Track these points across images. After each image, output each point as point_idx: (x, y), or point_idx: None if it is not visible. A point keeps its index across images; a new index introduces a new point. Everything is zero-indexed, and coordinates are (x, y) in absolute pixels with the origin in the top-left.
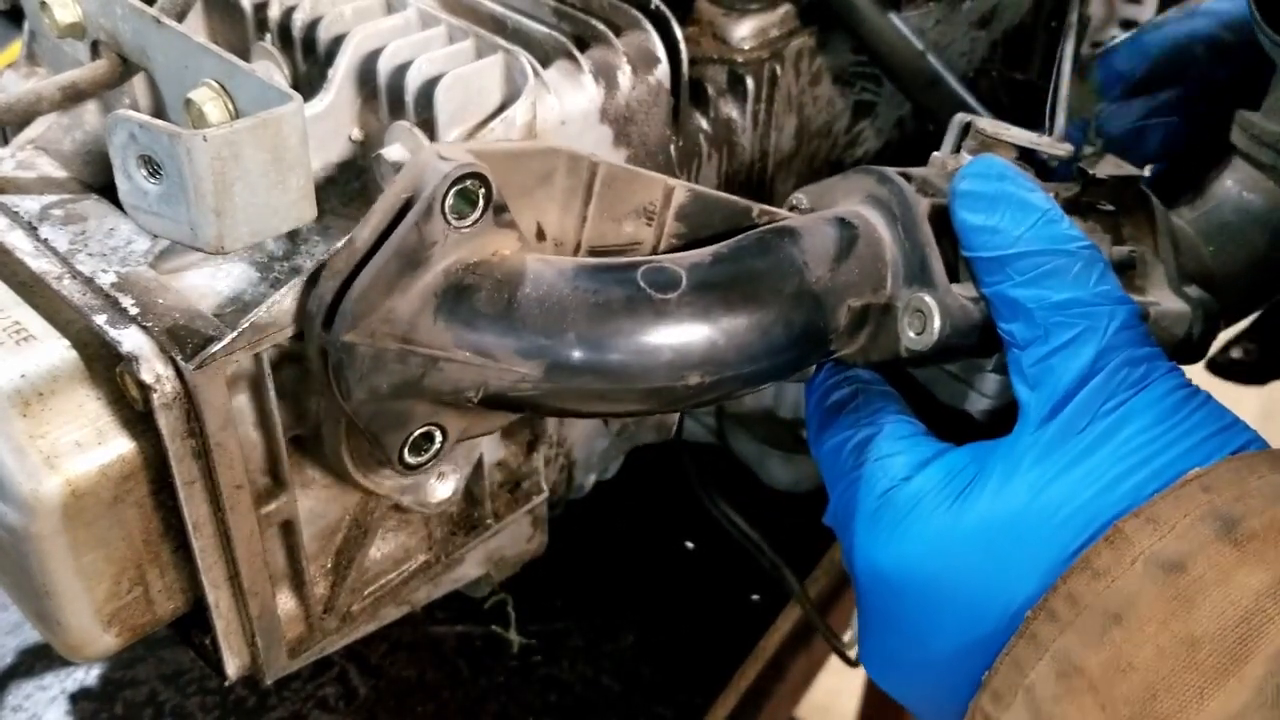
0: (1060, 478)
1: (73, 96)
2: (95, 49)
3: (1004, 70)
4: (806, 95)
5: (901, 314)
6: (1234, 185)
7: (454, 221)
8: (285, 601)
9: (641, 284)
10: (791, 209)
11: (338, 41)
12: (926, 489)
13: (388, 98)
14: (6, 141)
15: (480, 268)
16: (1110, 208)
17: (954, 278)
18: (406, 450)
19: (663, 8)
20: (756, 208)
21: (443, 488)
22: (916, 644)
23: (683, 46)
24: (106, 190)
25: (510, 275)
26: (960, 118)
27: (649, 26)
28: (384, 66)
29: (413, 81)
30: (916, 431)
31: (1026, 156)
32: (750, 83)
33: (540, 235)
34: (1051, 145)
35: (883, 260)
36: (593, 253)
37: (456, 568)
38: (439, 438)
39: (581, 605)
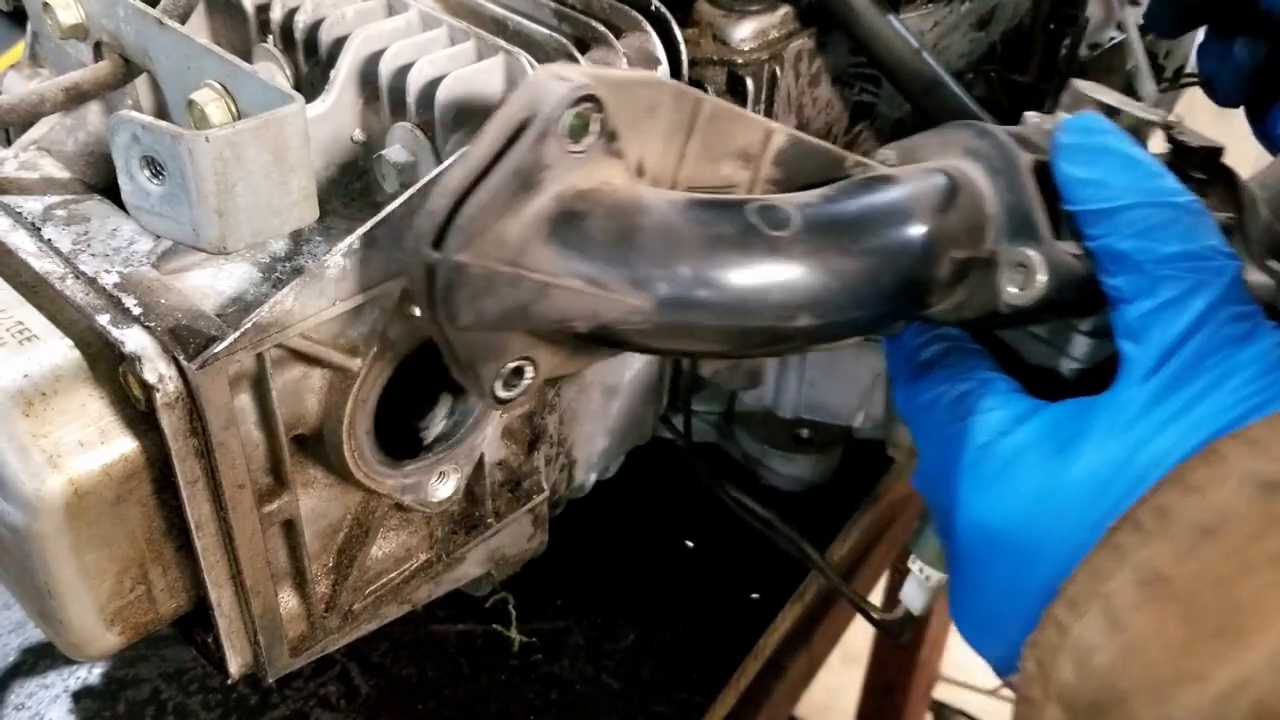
0: (1167, 427)
1: (75, 97)
2: (98, 50)
3: (1003, 71)
4: (806, 96)
5: (1002, 269)
6: None
7: (568, 145)
8: (287, 600)
9: (755, 220)
10: (880, 161)
11: (339, 43)
12: (1029, 442)
13: (389, 99)
14: (10, 142)
15: (591, 195)
16: (1200, 175)
17: (1054, 234)
18: (499, 384)
19: (663, 9)
20: (850, 158)
21: (444, 487)
22: (1017, 596)
23: (683, 48)
24: (109, 191)
25: (623, 204)
26: (1074, 83)
27: (649, 28)
28: (386, 68)
29: (414, 83)
30: (1013, 387)
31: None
32: (750, 84)
33: (640, 171)
34: (1146, 110)
35: (984, 214)
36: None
37: (458, 566)
38: (530, 373)
39: (582, 604)
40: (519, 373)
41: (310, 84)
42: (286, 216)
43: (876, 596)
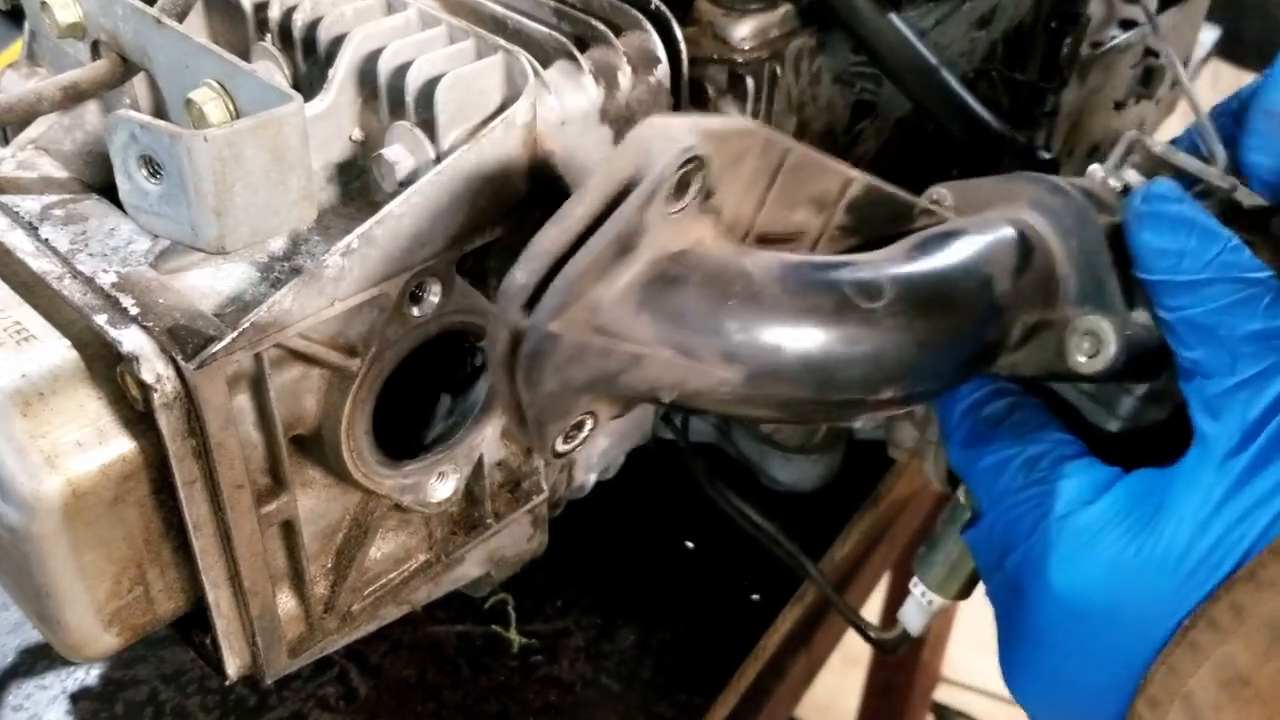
0: (1250, 515)
1: (73, 97)
2: (96, 49)
3: (1004, 70)
4: (806, 95)
5: (1071, 334)
6: None
7: (670, 205)
8: (285, 601)
9: (850, 293)
10: (933, 203)
11: (338, 42)
12: (1110, 515)
13: (388, 98)
14: (7, 141)
15: (686, 259)
16: (1248, 237)
17: (1127, 303)
18: (560, 438)
19: (663, 8)
20: (918, 205)
21: (443, 487)
22: (1089, 666)
23: (683, 47)
24: (107, 190)
25: (718, 270)
26: (1130, 135)
27: (649, 27)
28: (384, 67)
29: (413, 82)
30: (1084, 451)
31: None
32: (750, 83)
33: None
34: (1219, 177)
35: (1056, 275)
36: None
37: (457, 567)
38: (589, 425)
39: (581, 605)
40: (579, 425)
41: (309, 83)
42: (285, 216)
43: (877, 597)
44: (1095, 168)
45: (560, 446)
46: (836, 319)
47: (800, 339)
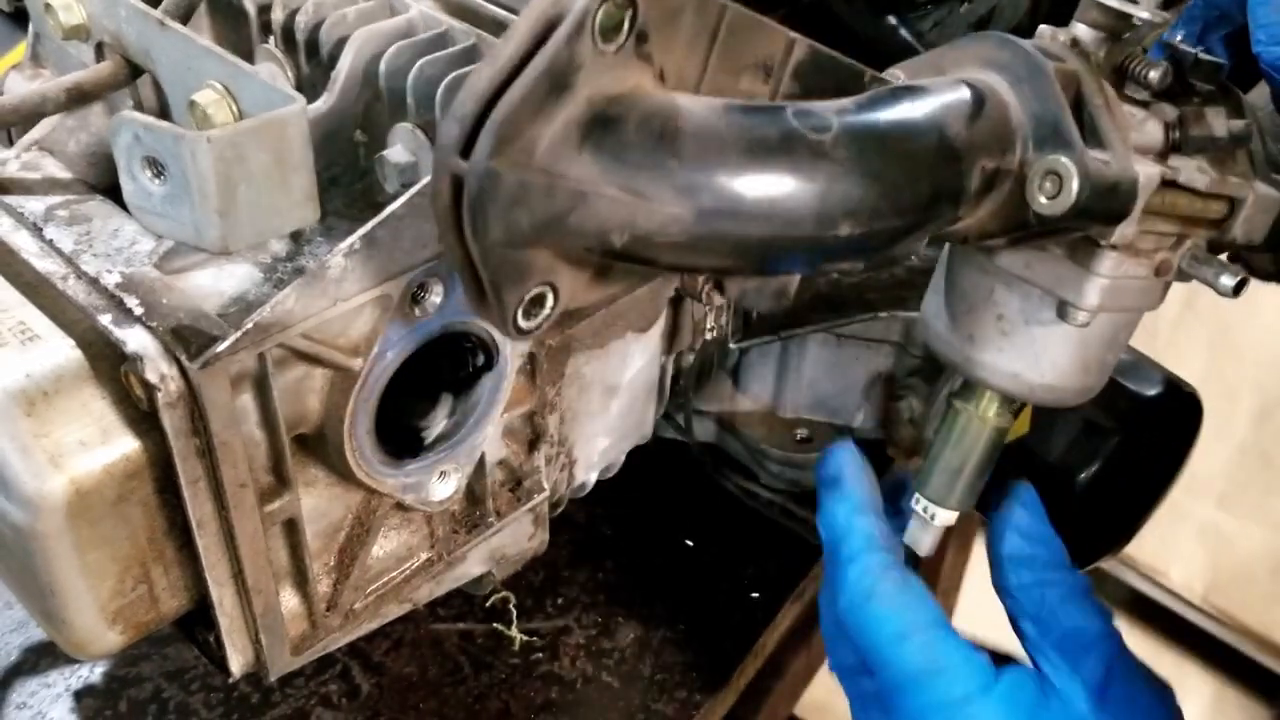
0: None
1: (77, 98)
2: (100, 51)
3: None
4: None
5: (1032, 179)
6: None
7: (600, 43)
8: (288, 599)
9: (796, 123)
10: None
11: (340, 44)
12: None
13: (390, 99)
14: (12, 142)
15: (625, 99)
16: (1209, 88)
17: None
18: (521, 311)
19: None
20: (868, 73)
21: (445, 486)
22: None
23: None
24: (111, 191)
25: (658, 108)
26: None
27: None
28: (386, 69)
29: (415, 83)
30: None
31: (1122, 26)
32: None
33: (661, 78)
34: (1152, 12)
35: (1010, 124)
36: None
37: (458, 566)
38: (550, 301)
39: (582, 603)
40: (539, 301)
41: (311, 85)
42: (288, 217)
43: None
44: (1044, 26)
45: (523, 323)
46: (784, 149)
47: (748, 169)
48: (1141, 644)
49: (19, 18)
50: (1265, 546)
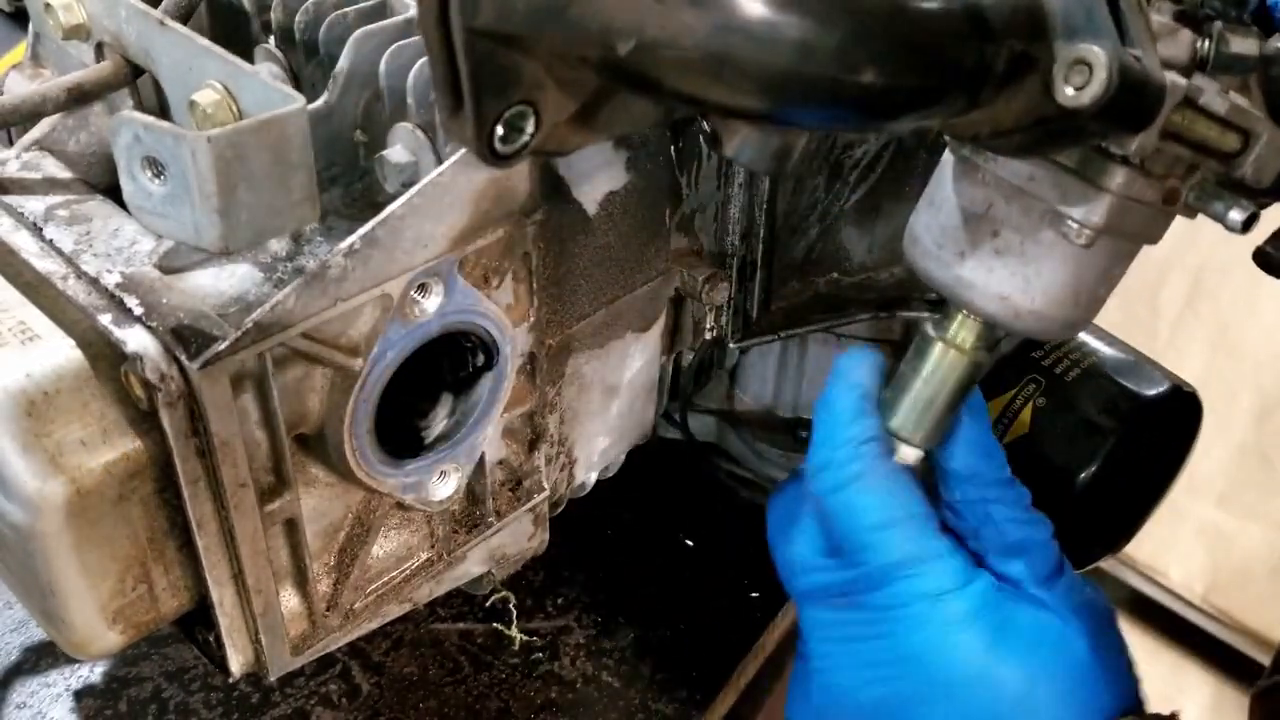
0: None
1: (78, 98)
2: (100, 50)
3: None
4: None
5: (1059, 68)
6: None
7: None
8: (288, 599)
9: None
10: None
11: (340, 43)
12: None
13: (390, 99)
14: (12, 142)
15: None
16: (1233, 13)
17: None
18: (499, 127)
19: None
20: None
21: (445, 486)
22: None
23: None
24: (111, 191)
25: None
26: None
27: None
28: (386, 68)
29: (415, 83)
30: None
31: None
32: None
33: None
34: None
35: (1042, 6)
36: None
37: (458, 565)
38: (529, 127)
39: (582, 603)
40: (519, 124)
41: (311, 84)
42: (288, 216)
43: None
44: None
45: (499, 145)
46: None
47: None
48: (1142, 644)
49: (19, 18)
50: (1265, 546)
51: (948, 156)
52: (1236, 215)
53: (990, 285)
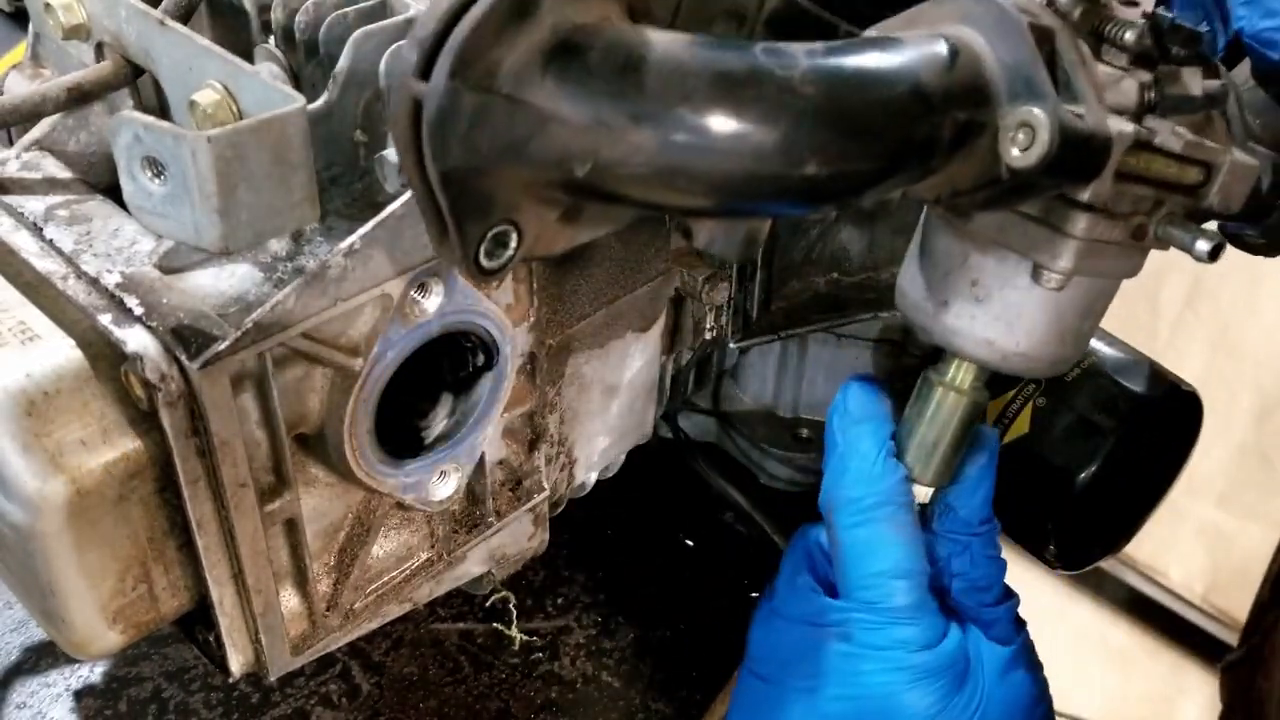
0: None
1: (78, 98)
2: (100, 50)
3: None
4: None
5: (1004, 130)
6: None
7: None
8: (288, 599)
9: (764, 59)
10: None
11: (340, 43)
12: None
13: (390, 99)
14: (12, 142)
15: (590, 29)
16: (1184, 52)
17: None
18: (483, 249)
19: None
20: (842, 26)
21: (445, 486)
22: None
23: None
24: (111, 191)
25: (625, 39)
26: None
27: None
28: (386, 68)
29: None
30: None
31: None
32: None
33: (630, 16)
34: None
35: (984, 76)
36: None
37: (458, 565)
38: (513, 242)
39: (582, 603)
40: (503, 241)
41: (311, 84)
42: (288, 216)
43: None
44: None
45: (485, 261)
46: (752, 82)
47: (713, 100)
48: (1141, 644)
49: (19, 18)
50: (1265, 546)
51: (925, 211)
52: (1203, 245)
53: (975, 331)
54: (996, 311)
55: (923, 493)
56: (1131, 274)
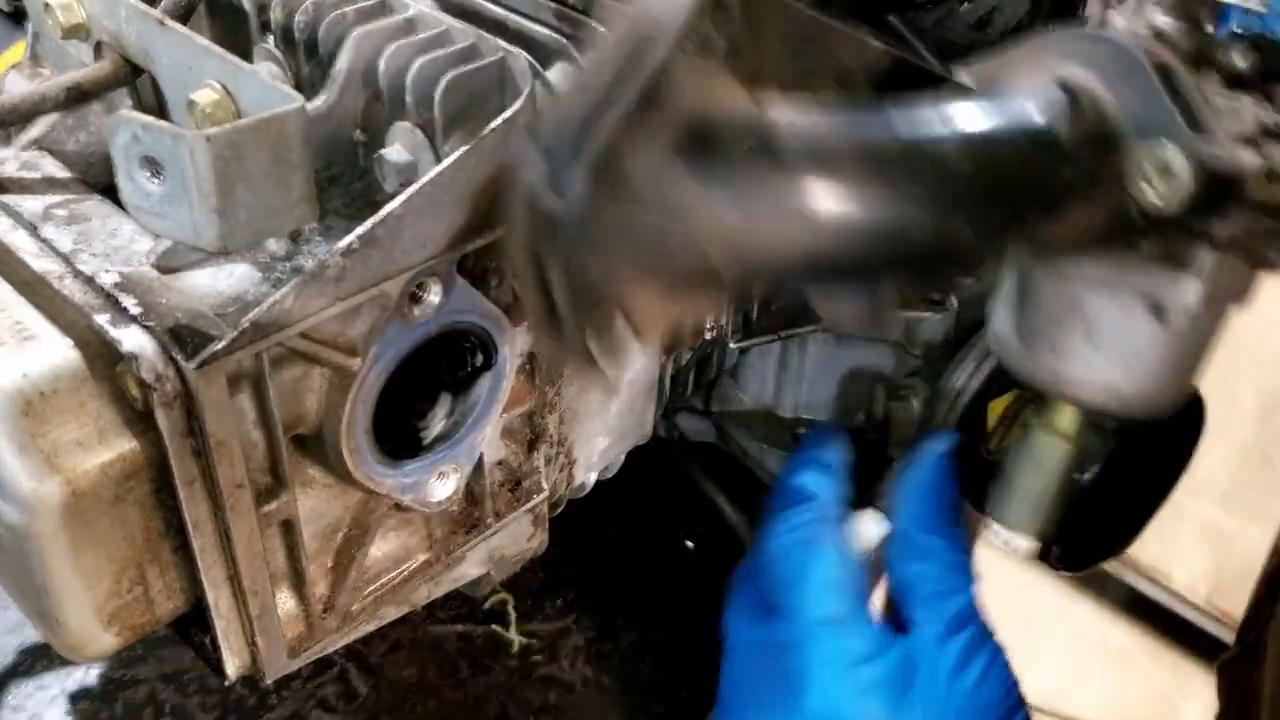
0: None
1: (76, 97)
2: (99, 50)
3: None
4: None
5: (1137, 173)
6: None
7: (694, 57)
8: (285, 601)
9: (902, 130)
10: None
11: (339, 43)
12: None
13: (389, 99)
14: (10, 142)
15: (719, 115)
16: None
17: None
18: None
19: None
20: (948, 79)
21: (443, 487)
22: None
23: None
24: (109, 190)
25: (761, 124)
26: None
27: None
28: (385, 68)
29: (414, 83)
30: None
31: (1202, 11)
32: None
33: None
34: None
35: (1109, 118)
36: None
37: (457, 567)
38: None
39: (581, 605)
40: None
41: (310, 84)
42: (286, 216)
43: (875, 595)
44: (1116, 17)
45: (594, 349)
46: (902, 159)
47: (868, 185)
48: (1144, 645)
49: (18, 17)
50: (1267, 546)
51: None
52: None
53: (1093, 377)
54: (1114, 355)
55: (1029, 547)
56: (1245, 299)
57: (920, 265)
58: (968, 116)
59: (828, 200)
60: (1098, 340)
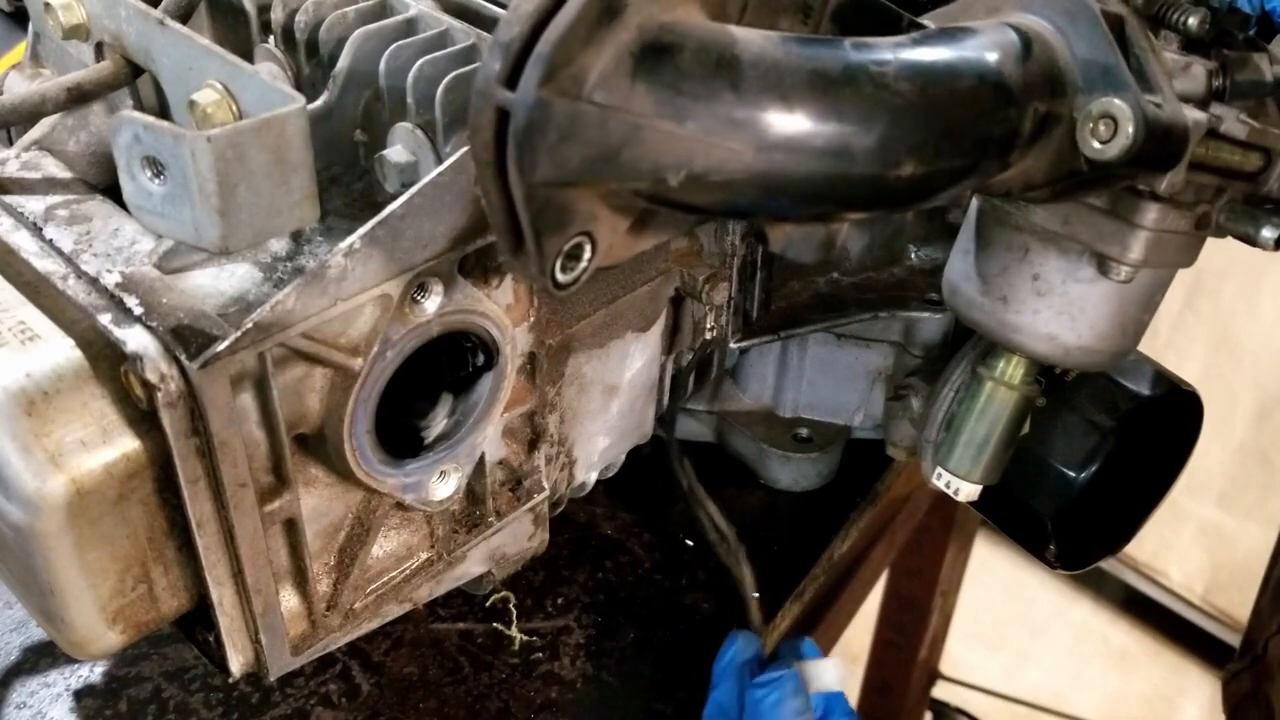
0: None
1: (77, 98)
2: (100, 50)
3: None
4: None
5: (1084, 123)
6: None
7: None
8: (288, 599)
9: (854, 55)
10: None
11: (340, 43)
12: None
13: (390, 99)
14: (12, 142)
15: (676, 27)
16: (1241, 36)
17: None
18: (559, 263)
19: None
20: (906, 17)
21: (445, 486)
22: None
23: None
24: (111, 191)
25: (714, 38)
26: None
27: None
28: (386, 68)
29: (415, 83)
30: None
31: None
32: None
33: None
34: None
35: (1059, 65)
36: None
37: (458, 565)
38: (588, 253)
39: (582, 603)
40: (577, 253)
41: (311, 84)
42: (288, 216)
43: (875, 595)
44: None
45: (560, 275)
46: (846, 81)
47: (810, 101)
48: (1141, 644)
49: (19, 17)
50: (1265, 546)
51: (975, 205)
52: (1269, 233)
53: (1037, 326)
54: (1059, 306)
55: (970, 490)
56: (1189, 264)
57: (866, 190)
58: (917, 49)
59: (779, 120)
60: (1043, 289)
